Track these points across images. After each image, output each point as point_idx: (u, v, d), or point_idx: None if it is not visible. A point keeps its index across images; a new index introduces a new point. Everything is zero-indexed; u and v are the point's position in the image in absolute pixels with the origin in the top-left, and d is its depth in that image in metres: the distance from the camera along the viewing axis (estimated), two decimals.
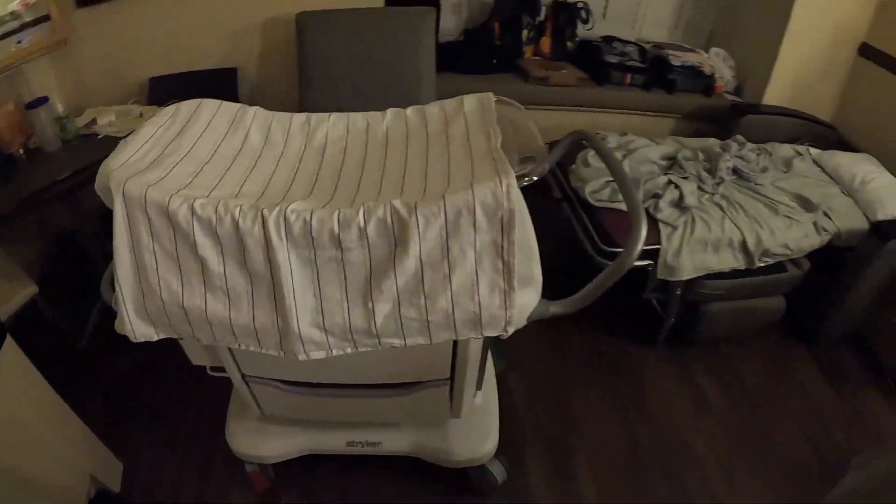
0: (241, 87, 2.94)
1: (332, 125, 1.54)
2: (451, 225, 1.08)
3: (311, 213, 1.08)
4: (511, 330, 1.19)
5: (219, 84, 2.87)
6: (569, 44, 3.46)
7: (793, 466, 2.24)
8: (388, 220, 1.08)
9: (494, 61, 3.30)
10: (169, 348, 1.44)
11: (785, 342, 2.89)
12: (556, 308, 1.28)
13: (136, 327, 1.21)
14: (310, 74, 2.78)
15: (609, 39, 3.45)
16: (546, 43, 3.39)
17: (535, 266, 1.24)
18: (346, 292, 1.15)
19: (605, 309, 2.86)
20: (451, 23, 3.47)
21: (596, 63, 3.35)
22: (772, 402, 2.53)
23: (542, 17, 3.40)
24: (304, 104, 2.80)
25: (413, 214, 1.07)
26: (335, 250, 1.10)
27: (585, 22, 3.47)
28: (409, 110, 1.56)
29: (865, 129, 3.46)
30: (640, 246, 1.18)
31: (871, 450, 1.29)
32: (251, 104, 1.55)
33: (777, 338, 2.89)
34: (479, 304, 1.15)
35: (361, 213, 1.07)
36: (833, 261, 2.68)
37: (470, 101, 1.50)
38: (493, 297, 1.15)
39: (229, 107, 1.50)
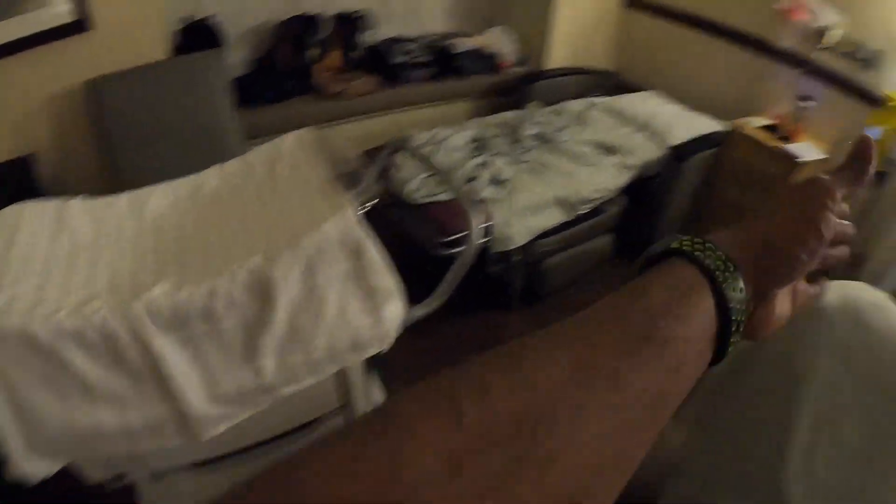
0: (42, 174, 2.78)
1: (158, 198, 1.50)
2: (310, 266, 1.15)
3: (176, 294, 1.09)
4: (389, 343, 1.28)
5: (15, 177, 2.69)
6: (357, 53, 3.53)
7: None
8: (252, 279, 1.12)
9: (289, 86, 3.30)
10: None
11: (624, 271, 3.18)
12: (421, 310, 1.38)
13: (31, 467, 1.12)
14: (113, 143, 2.66)
15: (394, 41, 3.57)
16: (335, 57, 3.44)
17: (391, 278, 1.33)
18: (230, 359, 1.16)
19: (456, 294, 3.00)
20: (239, 56, 3.45)
21: (386, 66, 3.45)
22: None
23: (325, 32, 3.45)
24: (114, 176, 2.68)
25: (273, 267, 1.12)
26: (208, 323, 1.12)
27: (369, 29, 3.56)
28: (231, 163, 1.57)
29: (643, 69, 3.91)
30: (478, 228, 1.30)
31: None
32: (55, 190, 1.47)
33: (616, 269, 3.21)
34: (356, 329, 1.22)
35: (224, 280, 1.10)
36: (644, 189, 3.02)
37: (287, 140, 1.54)
38: (366, 318, 1.22)
39: (48, 206, 1.42)
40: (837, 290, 1.50)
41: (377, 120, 3.40)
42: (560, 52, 3.74)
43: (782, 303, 0.50)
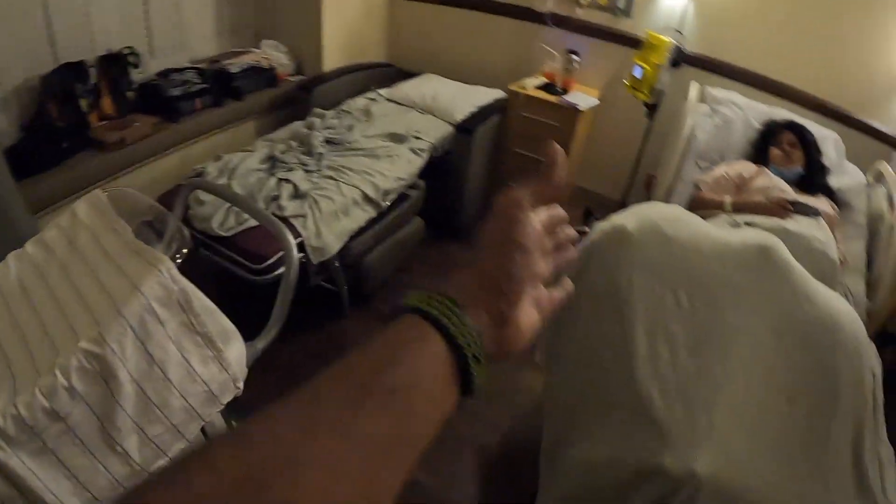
0: None
1: None
2: (142, 333, 1.16)
3: (13, 407, 1.05)
4: (241, 384, 1.34)
5: None
6: (130, 94, 3.40)
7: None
8: (86, 364, 1.11)
9: (65, 145, 3.07)
10: None
11: (443, 246, 3.48)
12: (262, 341, 1.45)
13: None
14: None
15: (166, 73, 3.45)
16: (108, 103, 3.27)
17: (224, 320, 1.36)
18: (92, 453, 1.13)
19: (289, 315, 3.01)
20: (7, 122, 3.21)
21: (163, 101, 3.33)
22: None
23: (93, 79, 3.29)
24: None
25: (103, 346, 1.11)
26: (57, 423, 1.08)
27: (137, 66, 3.42)
28: (28, 246, 1.51)
29: (418, 54, 4.18)
30: (292, 247, 1.36)
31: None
32: None
33: (436, 248, 3.44)
34: (204, 382, 1.25)
35: (58, 374, 1.08)
36: (441, 167, 3.26)
37: (81, 207, 1.49)
38: (211, 368, 1.26)
39: None
40: (636, 214, 1.77)
41: (166, 160, 3.27)
42: (335, 54, 3.85)
43: (526, 315, 0.52)
